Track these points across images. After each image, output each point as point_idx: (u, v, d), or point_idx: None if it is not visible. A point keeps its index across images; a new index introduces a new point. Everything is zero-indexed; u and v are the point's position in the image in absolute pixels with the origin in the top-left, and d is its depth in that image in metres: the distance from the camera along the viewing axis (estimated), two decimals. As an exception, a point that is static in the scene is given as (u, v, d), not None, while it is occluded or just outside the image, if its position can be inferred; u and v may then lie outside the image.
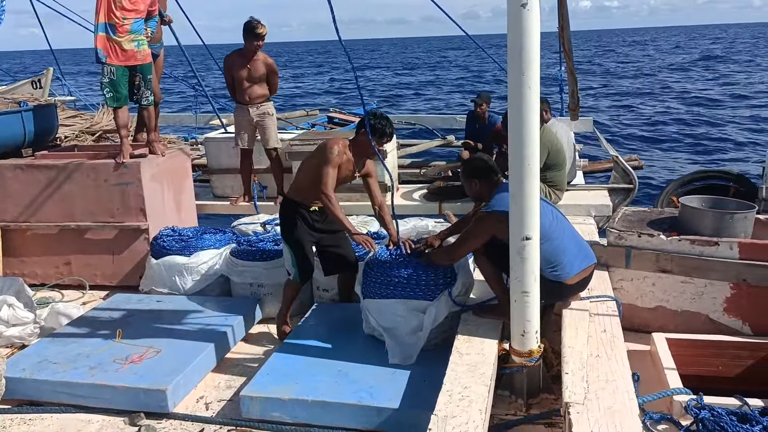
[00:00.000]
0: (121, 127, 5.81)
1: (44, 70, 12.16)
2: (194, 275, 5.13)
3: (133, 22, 5.61)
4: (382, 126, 4.26)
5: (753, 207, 4.29)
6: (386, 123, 4.29)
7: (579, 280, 3.77)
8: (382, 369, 3.77)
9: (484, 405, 2.97)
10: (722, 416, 3.06)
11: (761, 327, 4.10)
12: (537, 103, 3.02)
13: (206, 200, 7.32)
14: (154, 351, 4.10)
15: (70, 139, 7.92)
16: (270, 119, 6.72)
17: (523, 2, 2.87)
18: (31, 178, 5.61)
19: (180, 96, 24.54)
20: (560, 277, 3.66)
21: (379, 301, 4.04)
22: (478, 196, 4.02)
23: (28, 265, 5.81)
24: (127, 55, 5.66)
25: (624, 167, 7.08)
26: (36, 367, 3.99)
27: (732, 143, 16.58)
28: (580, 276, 3.76)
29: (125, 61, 5.66)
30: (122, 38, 5.58)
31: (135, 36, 5.66)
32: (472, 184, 3.97)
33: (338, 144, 4.26)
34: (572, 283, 3.73)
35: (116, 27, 5.52)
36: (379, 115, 4.33)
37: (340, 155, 4.23)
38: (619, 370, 3.21)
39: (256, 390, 3.60)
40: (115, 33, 5.54)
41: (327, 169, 4.18)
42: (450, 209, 6.52)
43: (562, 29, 4.68)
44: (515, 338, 3.41)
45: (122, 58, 5.63)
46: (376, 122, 4.24)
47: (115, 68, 5.61)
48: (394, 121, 11.38)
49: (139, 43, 5.73)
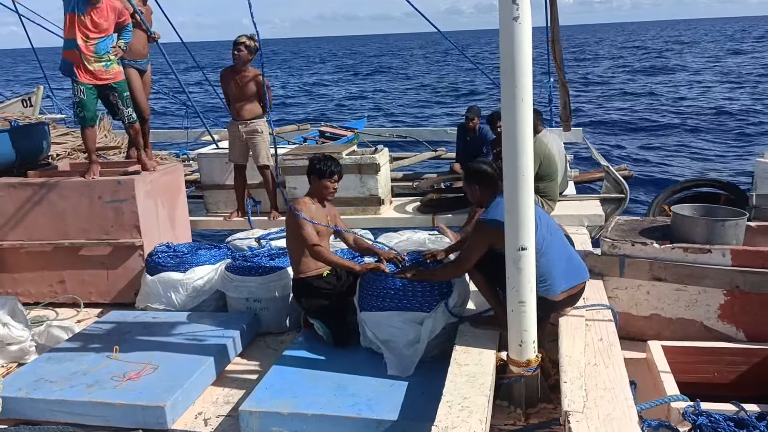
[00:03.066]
0: (91, 145, 5.78)
1: (35, 89, 12.15)
2: (190, 291, 5.13)
3: (98, 43, 5.54)
4: (327, 167, 4.45)
5: (744, 214, 4.34)
6: (331, 163, 4.49)
7: (566, 297, 3.78)
8: (380, 381, 3.78)
9: (484, 415, 2.98)
10: (720, 422, 3.10)
11: (755, 333, 4.14)
12: (530, 115, 3.05)
13: (199, 216, 7.32)
14: (152, 367, 4.09)
15: (62, 157, 7.91)
16: (260, 137, 6.72)
17: (514, 16, 2.92)
18: (24, 196, 5.59)
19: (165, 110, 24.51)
20: (547, 293, 3.66)
21: (375, 313, 4.06)
22: (478, 201, 4.00)
23: (21, 283, 5.78)
24: (95, 75, 5.60)
25: (615, 177, 7.14)
26: (32, 385, 3.96)
27: (721, 152, 16.72)
28: (567, 293, 3.77)
29: (93, 80, 5.60)
30: (89, 59, 5.52)
31: (101, 57, 5.59)
32: (473, 188, 3.96)
33: (298, 204, 4.42)
34: (558, 299, 3.74)
35: (81, 48, 5.46)
36: (322, 157, 4.52)
37: (308, 210, 4.39)
38: (616, 377, 3.23)
39: (255, 405, 3.60)
40: (81, 53, 5.48)
41: (304, 230, 4.31)
42: (443, 221, 6.56)
43: (553, 42, 4.74)
44: (513, 348, 3.42)
45: (89, 77, 5.57)
46: (321, 165, 4.44)
47: (84, 87, 5.56)
48: (386, 134, 11.48)
49: (107, 63, 5.65)
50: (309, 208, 4.41)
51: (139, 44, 6.56)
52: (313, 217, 4.37)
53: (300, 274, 4.49)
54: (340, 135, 10.79)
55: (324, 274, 4.51)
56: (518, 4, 2.90)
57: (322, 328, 4.38)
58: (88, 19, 5.46)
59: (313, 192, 4.53)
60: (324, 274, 4.52)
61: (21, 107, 11.50)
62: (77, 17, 5.42)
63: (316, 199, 4.52)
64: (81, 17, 5.43)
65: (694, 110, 24.04)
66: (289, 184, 6.91)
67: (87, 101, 5.61)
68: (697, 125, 20.82)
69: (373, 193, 6.80)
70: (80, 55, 5.49)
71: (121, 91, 5.83)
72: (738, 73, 36.82)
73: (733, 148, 17.07)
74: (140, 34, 6.58)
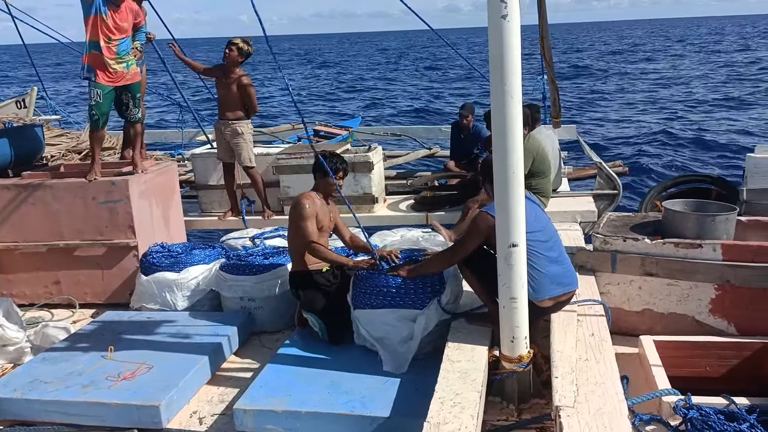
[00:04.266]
0: (97, 147, 5.82)
1: (29, 90, 12.13)
2: (184, 291, 5.14)
3: (119, 44, 5.61)
4: (334, 164, 4.48)
5: (734, 209, 4.36)
6: (337, 160, 4.53)
7: (553, 304, 3.78)
8: (373, 378, 3.80)
9: (476, 411, 3.00)
10: (710, 415, 3.12)
11: (746, 327, 4.17)
12: (520, 112, 3.07)
13: (194, 216, 7.33)
14: (147, 367, 4.10)
15: (57, 159, 7.92)
16: (240, 138, 6.72)
17: (503, 14, 2.93)
18: (18, 197, 5.59)
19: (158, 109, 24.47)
20: (535, 297, 3.66)
21: (369, 311, 4.08)
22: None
23: (16, 284, 5.79)
24: (116, 77, 5.66)
25: (608, 173, 7.17)
26: (28, 386, 3.97)
27: (713, 147, 16.76)
28: (554, 300, 3.77)
29: (113, 81, 5.66)
30: (110, 60, 5.58)
31: (123, 57, 5.66)
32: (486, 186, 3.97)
33: (305, 197, 4.45)
34: (545, 306, 3.74)
35: (103, 49, 5.51)
36: (328, 155, 4.56)
37: (312, 206, 4.42)
38: (607, 372, 3.25)
39: (249, 403, 3.61)
40: (104, 55, 5.53)
41: (305, 224, 4.35)
42: (437, 219, 6.57)
43: (542, 39, 4.76)
44: (505, 344, 3.45)
45: (110, 79, 5.63)
46: (328, 162, 4.45)
47: (102, 90, 5.60)
48: (379, 132, 11.48)
49: (128, 64, 5.73)
50: (315, 203, 4.44)
51: None
52: (317, 212, 4.41)
53: (299, 268, 4.51)
54: (335, 134, 10.79)
55: (323, 270, 4.54)
56: (506, 3, 2.92)
57: (318, 323, 4.40)
58: (110, 21, 5.51)
59: (318, 188, 4.56)
60: (324, 269, 4.54)
61: (15, 108, 11.48)
62: (99, 19, 5.46)
63: (321, 195, 4.55)
64: (104, 19, 5.47)
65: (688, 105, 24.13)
66: (283, 183, 6.92)
67: (103, 104, 5.67)
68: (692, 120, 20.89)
69: (367, 191, 6.82)
70: (102, 57, 5.53)
71: (135, 91, 5.90)
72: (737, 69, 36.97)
73: (726, 143, 17.11)
74: None
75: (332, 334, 4.35)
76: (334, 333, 4.36)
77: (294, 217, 4.45)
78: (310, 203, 4.41)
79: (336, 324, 4.37)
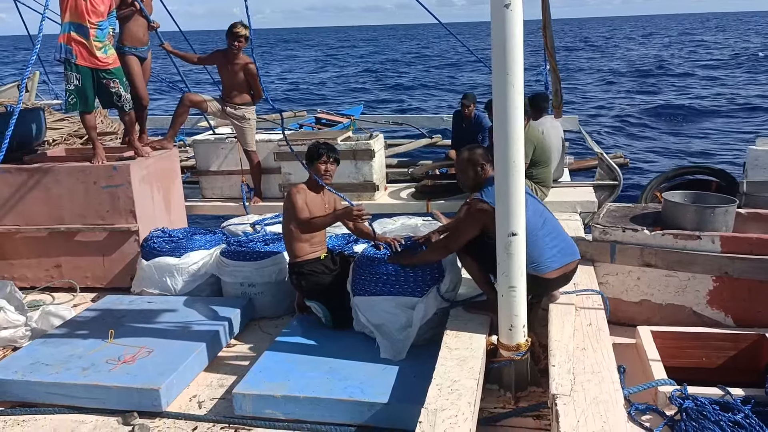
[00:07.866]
0: (91, 130, 5.80)
1: (30, 74, 12.09)
2: (185, 276, 5.16)
3: (97, 29, 5.52)
4: (316, 149, 4.50)
5: (734, 201, 4.37)
6: (321, 146, 4.53)
7: (559, 275, 3.79)
8: (372, 365, 3.83)
9: (473, 398, 3.03)
10: (705, 405, 3.15)
11: (743, 319, 4.19)
12: (521, 101, 3.08)
13: (195, 201, 7.35)
14: (147, 351, 4.13)
15: (58, 143, 7.91)
16: (247, 123, 6.91)
17: (506, 3, 2.93)
18: (19, 181, 5.61)
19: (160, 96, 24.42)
20: (541, 271, 3.69)
21: (368, 298, 4.10)
22: (473, 187, 3.94)
23: (17, 268, 5.81)
24: (95, 60, 5.57)
25: (609, 164, 7.18)
26: (28, 368, 4.00)
27: (713, 139, 16.75)
28: (560, 271, 3.78)
29: (92, 63, 5.57)
30: (90, 43, 5.49)
31: (100, 43, 5.58)
32: (467, 174, 3.97)
33: (294, 189, 4.48)
34: (552, 277, 3.76)
35: (82, 31, 5.44)
36: (315, 143, 4.58)
37: (303, 195, 4.42)
38: (604, 361, 3.28)
39: (248, 387, 3.64)
40: (84, 37, 5.46)
41: (296, 208, 4.35)
42: (437, 207, 6.57)
43: (545, 28, 4.76)
44: (503, 333, 3.47)
45: (89, 61, 5.55)
46: (314, 149, 4.50)
47: (82, 71, 5.53)
48: (381, 121, 11.47)
49: (105, 49, 5.65)
50: (303, 193, 4.44)
51: (139, 32, 6.55)
52: (308, 203, 4.41)
53: (296, 258, 4.52)
54: (337, 121, 10.79)
55: (321, 257, 4.56)
56: (509, -8, 2.92)
57: (322, 310, 4.42)
58: (88, 4, 5.44)
59: (310, 178, 4.56)
60: (321, 257, 4.56)
61: (16, 92, 11.45)
62: (76, 1, 5.39)
63: (314, 185, 4.54)
64: (82, 1, 5.40)
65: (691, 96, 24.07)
66: (285, 170, 6.94)
67: (84, 86, 5.59)
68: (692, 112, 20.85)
69: (368, 178, 6.83)
70: (80, 40, 5.47)
71: (120, 77, 5.82)
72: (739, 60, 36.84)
73: (727, 134, 17.09)
74: (141, 21, 6.57)
75: (337, 319, 4.39)
76: (339, 317, 4.38)
77: (285, 207, 4.48)
78: (297, 193, 4.43)
79: (339, 310, 4.40)
